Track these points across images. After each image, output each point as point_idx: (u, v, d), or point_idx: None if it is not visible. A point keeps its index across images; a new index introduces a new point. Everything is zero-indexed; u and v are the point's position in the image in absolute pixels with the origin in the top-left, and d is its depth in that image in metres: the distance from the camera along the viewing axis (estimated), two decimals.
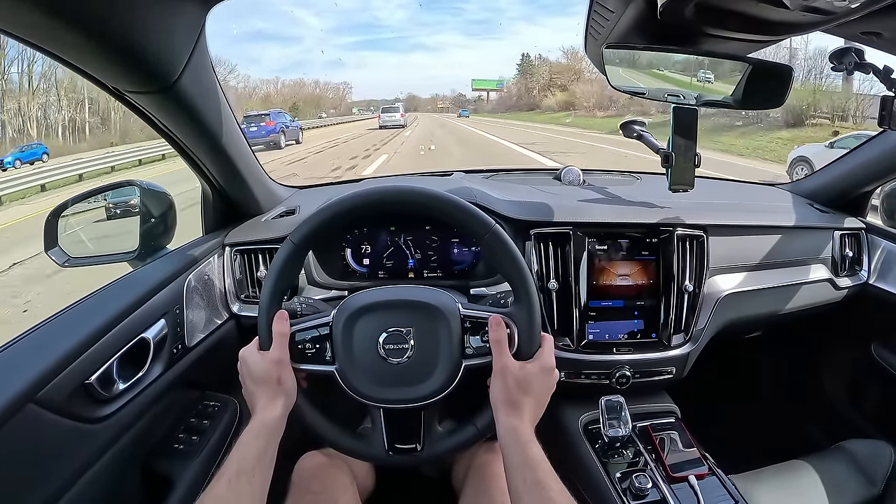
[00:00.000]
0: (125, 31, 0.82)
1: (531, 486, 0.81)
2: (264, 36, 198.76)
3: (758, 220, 1.54)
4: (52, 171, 17.25)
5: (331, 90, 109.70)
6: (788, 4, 0.83)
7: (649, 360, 1.36)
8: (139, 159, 21.13)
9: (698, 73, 1.18)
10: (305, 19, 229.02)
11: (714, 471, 1.20)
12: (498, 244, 0.94)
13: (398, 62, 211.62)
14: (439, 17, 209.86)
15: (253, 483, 0.83)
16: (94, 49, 0.84)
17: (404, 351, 0.96)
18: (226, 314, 1.41)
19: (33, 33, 0.78)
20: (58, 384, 0.88)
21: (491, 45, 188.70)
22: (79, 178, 17.71)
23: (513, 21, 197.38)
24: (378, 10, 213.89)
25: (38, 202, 14.36)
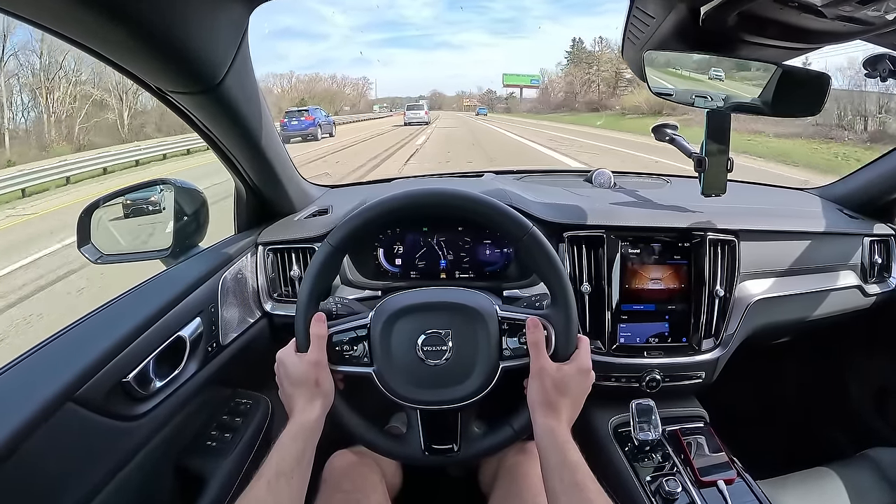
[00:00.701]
0: (171, 31, 0.82)
1: (569, 488, 0.81)
2: (292, 33, 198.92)
3: (788, 225, 1.53)
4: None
5: (349, 86, 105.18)
6: (827, 14, 0.83)
7: (679, 364, 1.36)
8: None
9: (733, 78, 1.18)
10: (332, 17, 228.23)
11: (742, 476, 1.20)
12: (536, 247, 0.95)
13: (423, 60, 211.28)
14: (465, 16, 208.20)
15: (291, 485, 0.84)
16: (140, 49, 0.85)
17: (443, 353, 0.96)
18: (258, 313, 1.42)
19: (80, 32, 0.79)
20: (96, 383, 0.88)
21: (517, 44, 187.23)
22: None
23: (538, 20, 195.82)
24: (404, 7, 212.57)
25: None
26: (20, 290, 6.44)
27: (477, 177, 1.95)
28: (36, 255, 7.88)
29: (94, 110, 35.08)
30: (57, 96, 34.04)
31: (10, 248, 8.62)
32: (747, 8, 0.89)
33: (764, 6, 0.88)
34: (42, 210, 12.25)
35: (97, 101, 35.42)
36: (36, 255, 7.92)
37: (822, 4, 0.81)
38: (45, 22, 0.75)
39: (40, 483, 0.80)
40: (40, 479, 0.80)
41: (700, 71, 1.16)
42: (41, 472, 0.80)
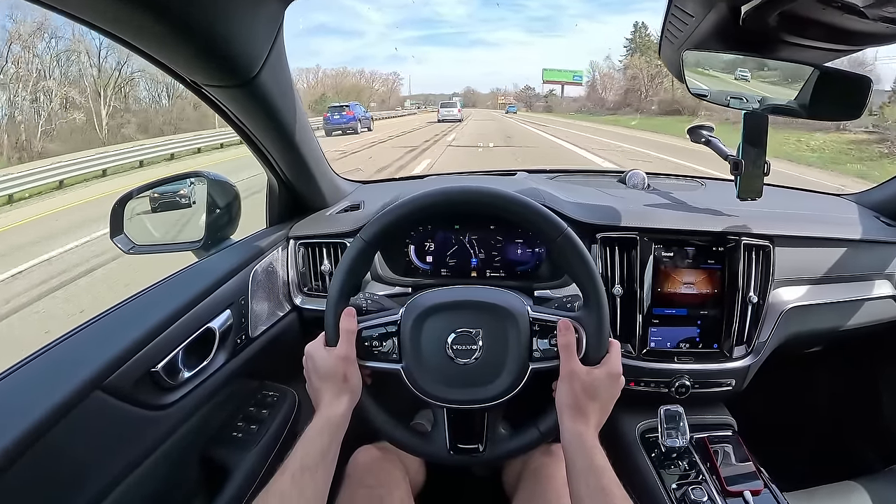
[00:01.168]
0: (209, 26, 0.83)
1: (595, 493, 0.80)
2: (327, 30, 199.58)
3: (824, 231, 1.49)
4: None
5: (378, 81, 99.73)
6: (870, 16, 0.81)
7: (710, 370, 1.33)
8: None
9: (773, 80, 1.16)
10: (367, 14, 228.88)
11: (769, 486, 1.17)
12: (570, 248, 0.94)
13: (458, 57, 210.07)
14: (500, 14, 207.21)
15: (316, 479, 0.84)
16: (178, 43, 0.85)
17: (472, 352, 0.96)
18: (288, 306, 1.43)
19: (116, 25, 0.80)
20: (125, 372, 0.89)
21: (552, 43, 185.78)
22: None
23: (574, 18, 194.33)
24: (439, 5, 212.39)
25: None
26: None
27: (509, 175, 1.94)
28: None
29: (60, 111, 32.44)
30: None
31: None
32: (789, 8, 0.87)
33: (806, 6, 0.87)
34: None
35: (65, 99, 33.11)
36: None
37: (865, 5, 0.79)
38: (84, 15, 0.76)
39: (66, 469, 0.81)
40: (66, 465, 0.81)
41: (737, 71, 1.15)
42: (67, 458, 0.80)
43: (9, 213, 12.67)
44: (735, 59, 1.13)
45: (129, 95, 36.72)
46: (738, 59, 1.13)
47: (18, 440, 0.71)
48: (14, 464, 0.70)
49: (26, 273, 7.25)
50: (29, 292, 6.44)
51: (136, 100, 37.60)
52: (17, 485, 0.72)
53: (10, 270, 7.37)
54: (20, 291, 6.52)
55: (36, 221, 11.04)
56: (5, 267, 7.54)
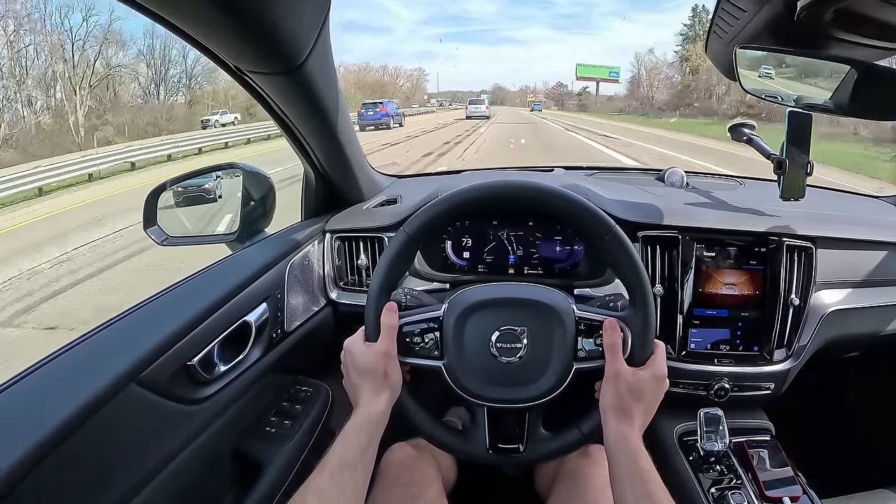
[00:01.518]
0: (255, 11, 0.82)
1: (641, 498, 0.79)
2: (356, 26, 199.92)
3: (866, 234, 1.46)
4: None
5: (402, 77, 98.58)
6: None
7: (749, 373, 1.31)
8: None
9: (818, 78, 1.14)
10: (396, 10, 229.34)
11: (807, 492, 1.15)
12: (618, 246, 0.92)
13: (487, 55, 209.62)
14: (529, 11, 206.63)
15: (355, 477, 0.83)
16: (227, 28, 0.84)
17: (517, 350, 0.94)
18: (324, 301, 1.42)
19: (165, 9, 0.79)
20: (161, 365, 0.89)
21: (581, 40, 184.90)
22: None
23: (604, 16, 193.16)
24: (467, 2, 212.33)
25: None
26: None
27: (547, 171, 1.92)
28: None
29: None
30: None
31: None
32: (846, 4, 0.85)
33: (863, 3, 0.85)
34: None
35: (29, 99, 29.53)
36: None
37: None
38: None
39: (100, 462, 0.80)
40: (101, 458, 0.80)
41: (788, 68, 1.13)
42: (102, 451, 0.80)
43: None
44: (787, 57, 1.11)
45: (107, 94, 35.58)
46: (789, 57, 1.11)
47: (52, 434, 0.71)
48: (48, 457, 0.70)
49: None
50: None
51: (114, 99, 36.45)
52: (53, 477, 0.72)
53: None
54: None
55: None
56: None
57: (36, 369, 0.82)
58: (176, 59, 40.02)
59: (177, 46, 38.04)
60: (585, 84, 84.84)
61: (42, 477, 0.69)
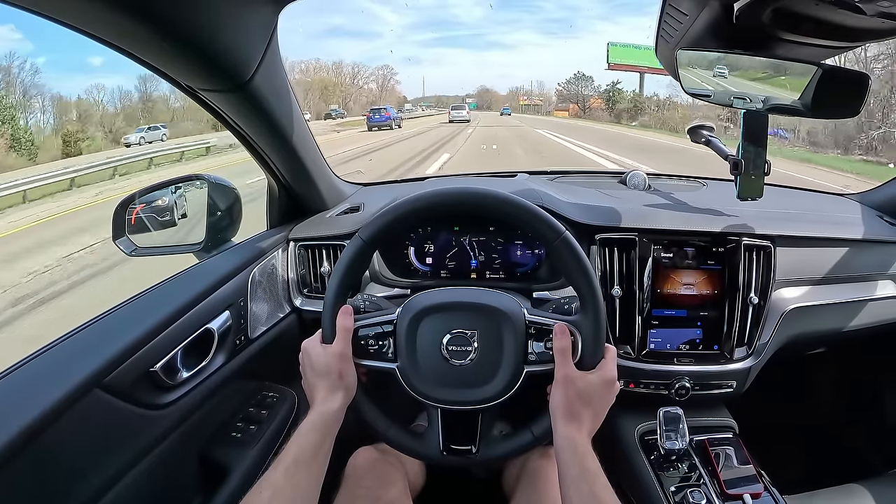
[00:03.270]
0: (200, 30, 0.84)
1: (587, 499, 0.80)
2: (343, 32, 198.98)
3: (826, 231, 1.48)
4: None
5: (363, 76, 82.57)
6: (866, 11, 0.81)
7: (710, 372, 1.33)
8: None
9: (771, 79, 1.16)
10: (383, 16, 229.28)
11: (769, 490, 1.17)
12: (567, 250, 0.93)
13: (474, 60, 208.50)
14: (516, 15, 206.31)
15: (309, 473, 0.84)
16: (170, 48, 0.87)
17: (467, 353, 0.95)
18: (288, 308, 1.44)
19: (110, 32, 0.81)
20: (124, 371, 0.90)
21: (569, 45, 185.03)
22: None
23: (590, 20, 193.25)
24: (455, 7, 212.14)
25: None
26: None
27: (510, 177, 1.93)
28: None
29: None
30: None
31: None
32: (782, 4, 0.87)
33: (799, 2, 0.87)
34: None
35: None
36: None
37: (861, 0, 0.78)
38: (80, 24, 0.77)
39: (64, 466, 0.82)
40: (65, 462, 0.81)
41: (736, 70, 1.14)
42: (66, 455, 0.82)
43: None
44: (735, 59, 1.13)
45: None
46: (738, 59, 1.13)
47: (16, 437, 0.72)
48: (12, 461, 0.72)
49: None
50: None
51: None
52: (16, 482, 0.73)
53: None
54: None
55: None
56: None
57: (2, 377, 0.83)
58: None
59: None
60: (617, 78, 57.61)
61: (4, 481, 0.71)
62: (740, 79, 1.15)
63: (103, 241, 7.86)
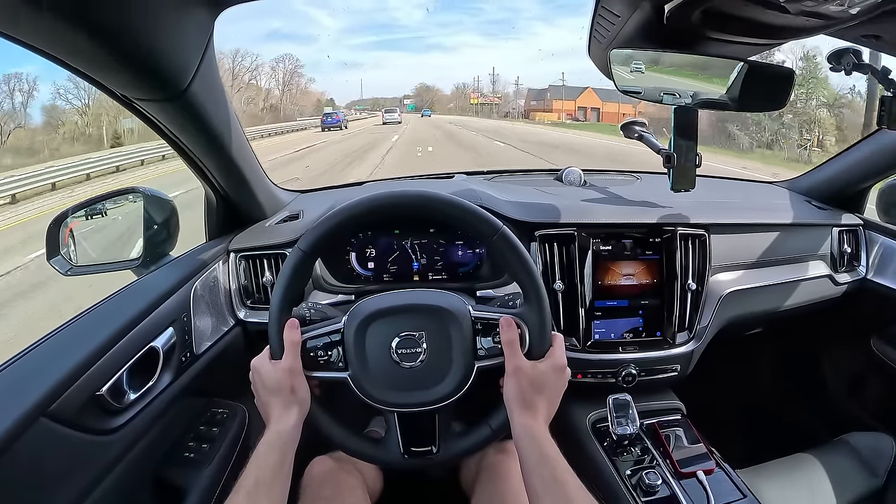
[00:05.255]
0: (135, 39, 0.81)
1: (549, 484, 0.82)
2: (280, 35, 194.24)
3: (758, 217, 1.55)
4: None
5: (249, 70, 65.64)
6: (790, 10, 0.84)
7: (654, 358, 1.37)
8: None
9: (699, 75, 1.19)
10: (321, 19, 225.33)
11: (721, 465, 1.21)
12: (506, 246, 0.95)
13: (415, 62, 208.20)
14: (457, 17, 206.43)
15: (271, 495, 0.83)
16: (103, 57, 0.83)
17: (417, 355, 0.96)
18: (232, 321, 1.41)
19: (42, 41, 0.78)
20: (69, 397, 0.87)
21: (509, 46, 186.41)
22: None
23: (530, 21, 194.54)
24: (395, 10, 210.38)
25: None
26: None
27: (448, 178, 1.95)
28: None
29: None
30: None
31: None
32: (711, 5, 0.90)
33: (727, 3, 0.90)
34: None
35: None
36: None
37: (786, 0, 0.82)
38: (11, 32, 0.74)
39: (14, 502, 0.78)
40: (14, 498, 0.78)
41: (667, 68, 1.18)
42: (15, 491, 0.78)
43: None
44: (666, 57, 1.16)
45: None
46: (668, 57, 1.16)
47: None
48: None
49: None
50: None
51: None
52: None
53: None
54: None
55: None
56: None
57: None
58: None
59: None
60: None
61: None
62: (671, 76, 1.18)
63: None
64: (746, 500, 1.14)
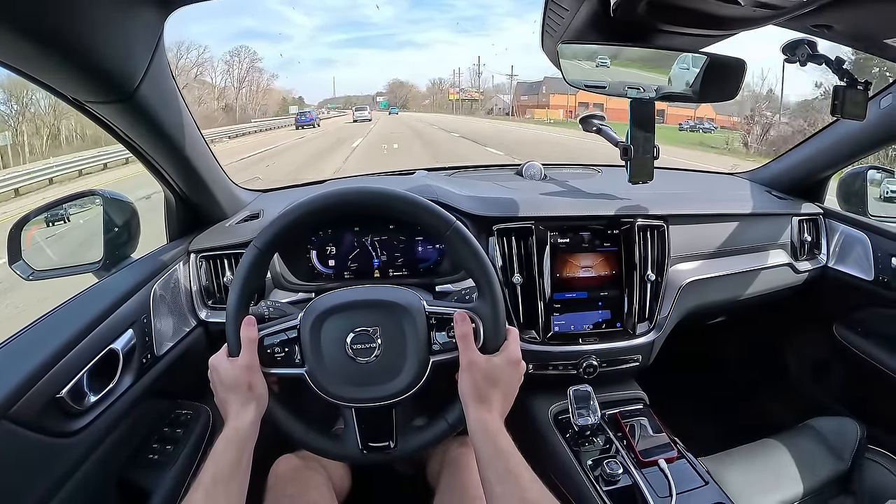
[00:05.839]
0: (83, 42, 0.81)
1: (503, 476, 0.82)
2: (253, 34, 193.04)
3: (717, 208, 1.58)
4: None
5: (195, 65, 61.67)
6: (741, 1, 0.85)
7: (615, 349, 1.39)
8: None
9: (655, 67, 1.21)
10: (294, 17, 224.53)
11: (683, 454, 1.23)
12: (459, 241, 0.96)
13: (387, 59, 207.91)
14: (429, 14, 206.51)
15: (230, 491, 0.83)
16: (51, 60, 0.83)
17: (372, 350, 0.96)
18: (194, 321, 1.40)
19: None
20: (29, 399, 0.86)
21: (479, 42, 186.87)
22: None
23: (501, 18, 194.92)
24: (367, 7, 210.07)
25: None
26: None
27: (409, 174, 1.96)
28: None
29: None
30: None
31: None
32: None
33: None
34: None
35: None
36: None
37: None
38: None
39: None
40: None
41: (620, 60, 1.19)
42: None
43: None
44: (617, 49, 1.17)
45: None
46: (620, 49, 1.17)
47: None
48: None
49: None
50: None
51: None
52: None
53: None
54: None
55: None
56: None
57: None
58: None
59: None
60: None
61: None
62: (625, 68, 1.19)
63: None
64: (708, 487, 1.15)
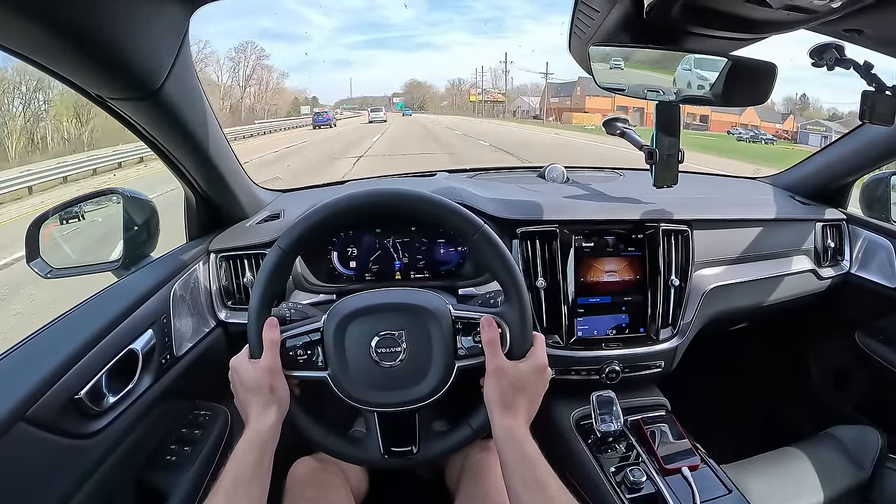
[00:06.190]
0: (108, 37, 0.81)
1: (530, 485, 0.81)
2: (271, 35, 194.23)
3: (741, 213, 1.56)
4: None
5: (205, 59, 63.25)
6: (772, 4, 0.83)
7: (638, 354, 1.38)
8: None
9: (682, 70, 1.19)
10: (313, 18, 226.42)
11: (706, 461, 1.22)
12: (487, 244, 0.94)
13: (405, 60, 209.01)
14: (447, 16, 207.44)
15: (251, 494, 0.82)
16: (76, 56, 0.83)
17: (397, 354, 0.95)
18: (213, 322, 1.39)
19: (15, 41, 0.77)
20: (47, 401, 0.86)
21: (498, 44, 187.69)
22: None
23: (519, 20, 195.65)
24: (385, 8, 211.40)
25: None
26: None
27: (430, 176, 1.95)
28: None
29: None
30: None
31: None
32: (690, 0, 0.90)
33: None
34: None
35: None
36: None
37: None
38: None
39: None
40: None
41: (648, 63, 1.17)
42: None
43: None
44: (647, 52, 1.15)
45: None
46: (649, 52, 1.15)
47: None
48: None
49: None
50: None
51: None
52: None
53: None
54: None
55: None
56: None
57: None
58: None
59: None
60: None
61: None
62: (652, 72, 1.18)
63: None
64: (732, 496, 1.14)
